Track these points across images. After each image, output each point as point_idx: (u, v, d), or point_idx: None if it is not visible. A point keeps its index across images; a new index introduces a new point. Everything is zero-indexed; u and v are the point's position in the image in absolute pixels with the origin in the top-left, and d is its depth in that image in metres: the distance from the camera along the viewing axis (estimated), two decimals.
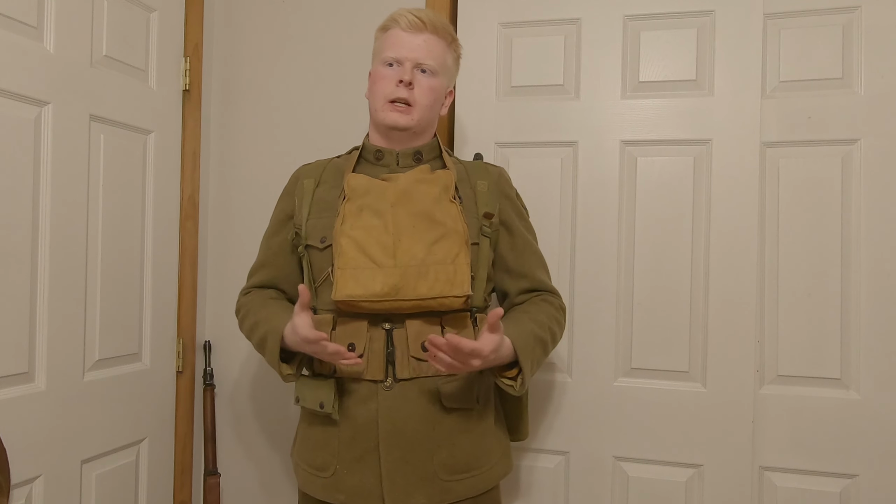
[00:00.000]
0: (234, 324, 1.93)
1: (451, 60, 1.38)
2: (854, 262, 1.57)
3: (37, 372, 1.44)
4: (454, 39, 1.38)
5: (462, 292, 1.21)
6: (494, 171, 1.40)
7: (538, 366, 1.29)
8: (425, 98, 1.32)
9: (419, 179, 1.28)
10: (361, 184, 1.29)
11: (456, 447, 1.28)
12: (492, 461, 1.34)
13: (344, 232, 1.24)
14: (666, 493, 1.64)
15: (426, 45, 1.31)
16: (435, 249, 1.22)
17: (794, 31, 1.61)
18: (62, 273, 1.48)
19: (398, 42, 1.31)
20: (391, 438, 1.25)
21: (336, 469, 1.28)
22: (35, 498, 1.43)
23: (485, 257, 1.32)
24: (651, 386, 1.65)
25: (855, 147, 1.57)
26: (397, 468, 1.25)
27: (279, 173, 1.92)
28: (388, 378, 1.26)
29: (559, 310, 1.38)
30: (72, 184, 1.51)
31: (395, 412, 1.25)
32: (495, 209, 1.35)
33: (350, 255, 1.22)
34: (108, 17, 1.61)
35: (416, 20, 1.31)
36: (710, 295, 1.61)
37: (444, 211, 1.25)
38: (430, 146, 1.38)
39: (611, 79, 1.68)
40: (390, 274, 1.20)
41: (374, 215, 1.25)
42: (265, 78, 1.94)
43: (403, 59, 1.31)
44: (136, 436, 1.73)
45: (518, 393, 1.24)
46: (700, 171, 1.63)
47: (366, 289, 1.20)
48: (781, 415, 1.60)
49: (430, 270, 1.21)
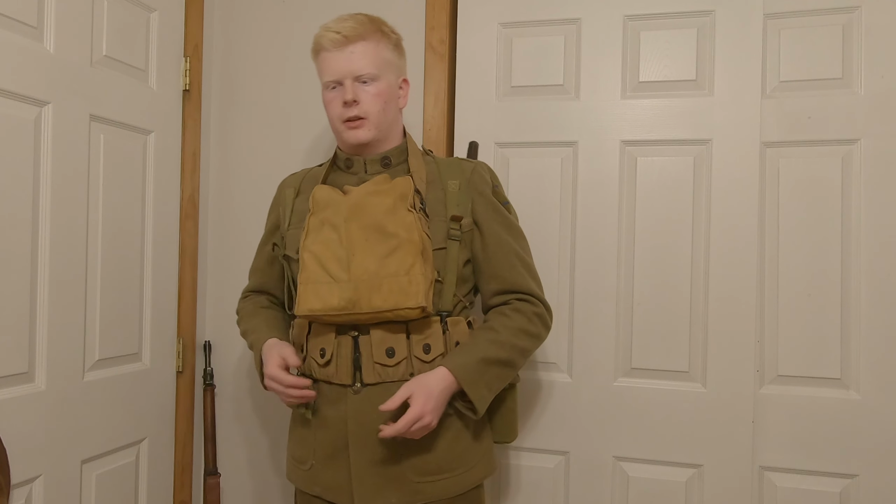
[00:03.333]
0: (234, 324, 1.93)
1: (390, 53, 1.35)
2: (854, 262, 1.57)
3: (37, 372, 1.44)
4: (383, 32, 1.34)
5: (416, 304, 1.21)
6: (468, 168, 1.38)
7: (501, 382, 1.31)
8: (374, 106, 1.32)
9: (372, 192, 1.28)
10: (324, 196, 1.32)
11: (425, 449, 1.29)
12: (469, 463, 1.33)
13: (306, 246, 1.28)
14: (666, 493, 1.64)
15: (355, 56, 1.30)
16: (387, 262, 1.23)
17: (794, 31, 1.61)
18: (62, 273, 1.48)
19: (330, 63, 1.32)
20: (359, 440, 1.29)
21: (313, 464, 1.35)
22: (35, 498, 1.43)
23: (453, 261, 1.32)
24: (651, 386, 1.65)
25: (855, 147, 1.57)
26: (366, 469, 1.29)
27: (279, 173, 1.92)
28: (356, 382, 1.29)
29: (532, 318, 1.33)
30: (72, 184, 1.51)
31: (364, 415, 1.28)
32: (466, 210, 1.34)
33: (310, 269, 1.26)
34: (108, 17, 1.61)
35: (337, 36, 1.30)
36: (710, 295, 1.61)
37: (397, 222, 1.25)
38: (398, 150, 1.38)
39: (611, 79, 1.68)
40: (345, 288, 1.23)
41: (331, 229, 1.28)
42: (265, 78, 1.94)
43: (341, 77, 1.31)
44: (136, 436, 1.73)
45: (477, 416, 1.28)
46: (700, 171, 1.63)
47: (324, 303, 1.24)
48: (781, 415, 1.60)
49: (383, 283, 1.22)
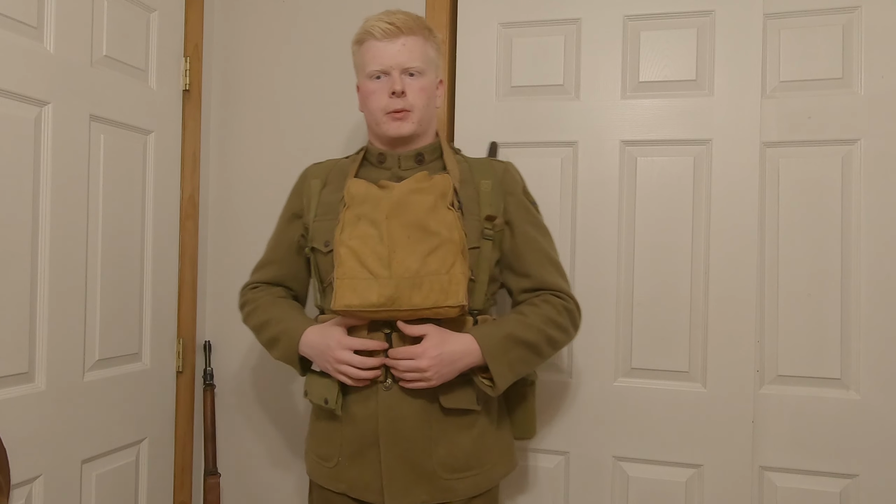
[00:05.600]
0: (235, 324, 1.93)
1: (433, 52, 1.37)
2: (854, 262, 1.57)
3: (37, 372, 1.44)
4: (430, 31, 1.37)
5: (456, 302, 1.21)
6: (499, 168, 1.39)
7: (525, 366, 1.30)
8: (420, 100, 1.33)
9: (414, 189, 1.28)
10: (360, 191, 1.30)
11: (455, 446, 1.29)
12: (493, 460, 1.34)
13: (342, 241, 1.26)
14: (666, 493, 1.64)
15: (406, 49, 1.31)
16: (429, 261, 1.23)
17: (794, 31, 1.61)
18: (62, 273, 1.48)
19: (378, 53, 1.32)
20: (390, 436, 1.28)
21: (339, 461, 1.33)
22: (35, 498, 1.43)
23: (486, 260, 1.32)
24: (651, 386, 1.65)
25: (855, 147, 1.57)
26: (396, 465, 1.28)
27: (279, 173, 1.92)
28: (387, 378, 1.28)
29: (561, 311, 1.34)
30: (72, 184, 1.51)
31: (394, 411, 1.27)
32: (499, 210, 1.35)
33: (348, 264, 1.24)
34: (108, 17, 1.61)
35: (389, 27, 1.30)
36: (710, 295, 1.61)
37: (439, 220, 1.25)
38: (431, 147, 1.38)
39: (611, 79, 1.68)
40: (385, 285, 1.22)
41: (370, 225, 1.26)
42: (265, 78, 1.94)
43: (389, 68, 1.31)
44: (136, 436, 1.73)
45: (495, 393, 1.27)
46: (700, 171, 1.63)
47: (363, 299, 1.22)
48: (781, 415, 1.60)
49: (424, 282, 1.22)
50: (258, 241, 1.92)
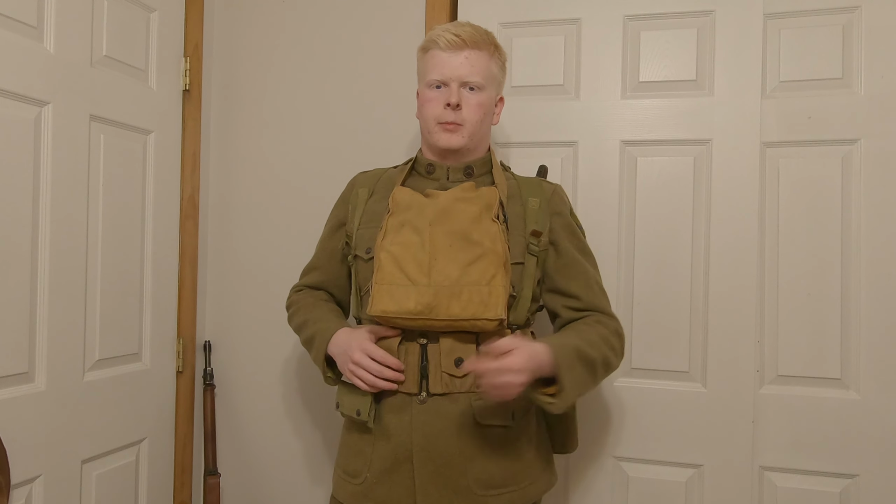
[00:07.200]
0: (235, 324, 1.94)
1: (497, 69, 1.35)
2: (854, 262, 1.57)
3: (37, 372, 1.44)
4: (496, 47, 1.35)
5: (495, 315, 1.19)
6: (548, 189, 1.38)
7: (585, 387, 1.23)
8: (474, 115, 1.31)
9: (460, 198, 1.27)
10: (405, 198, 1.29)
11: (490, 462, 1.26)
12: (532, 476, 1.31)
13: (383, 247, 1.25)
14: (666, 493, 1.64)
15: (468, 63, 1.29)
16: (470, 270, 1.21)
17: (794, 31, 1.61)
18: (62, 273, 1.48)
19: (440, 63, 1.30)
20: (424, 451, 1.25)
21: (366, 477, 1.29)
22: (35, 498, 1.43)
23: (529, 276, 1.29)
24: (651, 386, 1.65)
25: (855, 147, 1.57)
26: (431, 481, 1.24)
27: (279, 173, 1.92)
28: (421, 392, 1.26)
29: (614, 334, 1.30)
30: (72, 184, 1.51)
31: (429, 426, 1.25)
32: (545, 227, 1.33)
33: (387, 270, 1.23)
34: (108, 17, 1.61)
35: (455, 38, 1.29)
36: (710, 295, 1.61)
37: (482, 231, 1.23)
38: (481, 161, 1.37)
39: (611, 79, 1.68)
40: (424, 293, 1.20)
41: (413, 232, 1.25)
42: (265, 78, 1.94)
43: (448, 79, 1.30)
44: (136, 436, 1.73)
45: (558, 411, 1.18)
46: (700, 171, 1.63)
47: (400, 305, 1.21)
48: (781, 415, 1.60)
49: (463, 291, 1.20)
50: (258, 241, 1.93)
